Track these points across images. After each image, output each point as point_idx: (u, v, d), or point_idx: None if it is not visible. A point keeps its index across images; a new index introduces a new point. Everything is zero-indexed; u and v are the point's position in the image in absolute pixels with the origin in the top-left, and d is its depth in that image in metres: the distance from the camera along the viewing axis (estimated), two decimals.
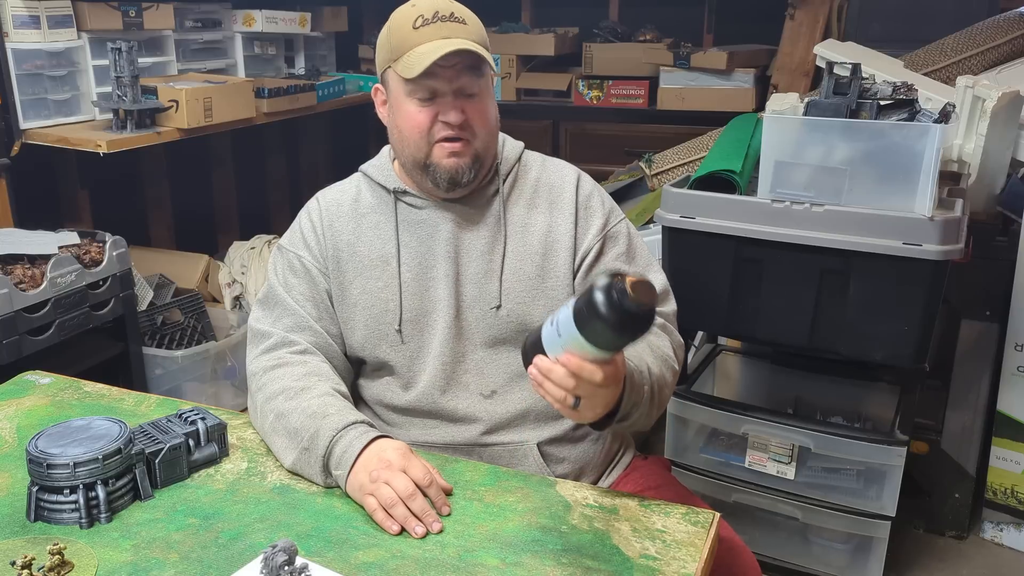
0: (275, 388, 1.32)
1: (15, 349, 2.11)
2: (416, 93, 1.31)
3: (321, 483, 1.22)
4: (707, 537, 1.11)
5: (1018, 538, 2.37)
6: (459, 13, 1.32)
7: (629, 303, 0.96)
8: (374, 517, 1.13)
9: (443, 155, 1.33)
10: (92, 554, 1.06)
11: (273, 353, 1.37)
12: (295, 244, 1.44)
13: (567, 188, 1.44)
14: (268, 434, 1.31)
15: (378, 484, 1.14)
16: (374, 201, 1.43)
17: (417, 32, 1.29)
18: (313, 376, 1.33)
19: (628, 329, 0.99)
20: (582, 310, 0.99)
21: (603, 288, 0.97)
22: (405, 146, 1.36)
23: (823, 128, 1.85)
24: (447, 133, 1.32)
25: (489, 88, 1.35)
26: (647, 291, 0.98)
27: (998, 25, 2.58)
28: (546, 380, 1.05)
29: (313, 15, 3.48)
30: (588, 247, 1.41)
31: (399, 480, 1.14)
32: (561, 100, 3.74)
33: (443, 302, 1.39)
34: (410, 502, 1.12)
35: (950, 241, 1.76)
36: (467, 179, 1.35)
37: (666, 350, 1.36)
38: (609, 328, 0.98)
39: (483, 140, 1.35)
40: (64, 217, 2.90)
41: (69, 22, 2.55)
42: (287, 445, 1.26)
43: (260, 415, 1.33)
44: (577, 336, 1.01)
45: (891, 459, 1.98)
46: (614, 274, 0.99)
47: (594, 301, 0.97)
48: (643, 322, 0.99)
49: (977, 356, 2.31)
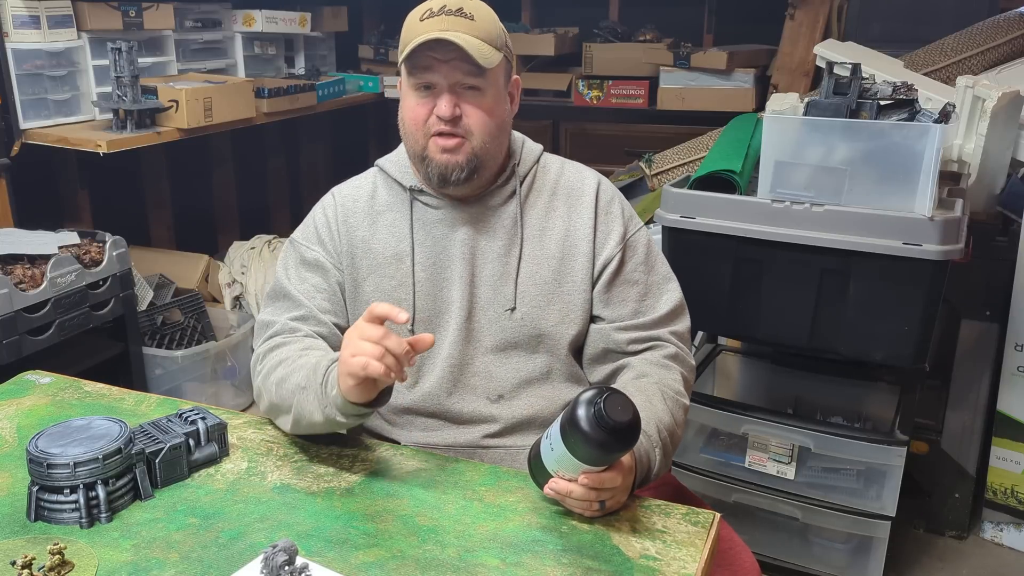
0: (273, 363, 1.31)
1: (15, 349, 2.11)
2: (416, 86, 1.31)
3: (320, 418, 1.20)
4: (707, 537, 1.11)
5: (1018, 538, 2.37)
6: (468, 8, 1.30)
7: (608, 428, 1.04)
8: (369, 370, 1.09)
9: (436, 150, 1.32)
10: (92, 554, 1.06)
11: (274, 339, 1.36)
12: (308, 238, 1.43)
13: (587, 192, 1.42)
14: (273, 407, 1.30)
15: (353, 343, 1.11)
16: (390, 198, 1.42)
17: (421, 23, 1.29)
18: (309, 349, 1.31)
19: (615, 450, 1.08)
20: (567, 434, 1.07)
21: (583, 419, 1.04)
22: (407, 138, 1.36)
23: (823, 128, 1.85)
24: (440, 127, 1.31)
25: (495, 86, 1.33)
26: (624, 409, 1.05)
27: (998, 25, 2.58)
28: (568, 499, 1.11)
29: (313, 15, 3.49)
30: (609, 256, 1.40)
31: (367, 329, 1.11)
32: (561, 100, 3.74)
33: (456, 303, 1.38)
34: (387, 341, 1.10)
35: (950, 241, 1.76)
36: (458, 178, 1.33)
37: (676, 386, 1.35)
38: (597, 452, 1.06)
39: (481, 139, 1.32)
40: (64, 217, 2.90)
41: (69, 22, 2.56)
42: (288, 404, 1.25)
43: (264, 393, 1.32)
44: (572, 458, 1.08)
45: (891, 459, 1.98)
46: (592, 400, 1.05)
47: (576, 430, 1.05)
48: (627, 440, 1.07)
49: (977, 356, 2.31)
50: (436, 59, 1.28)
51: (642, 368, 1.36)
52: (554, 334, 1.38)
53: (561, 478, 1.11)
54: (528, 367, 1.39)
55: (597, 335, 1.41)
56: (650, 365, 1.36)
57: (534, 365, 1.39)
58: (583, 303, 1.40)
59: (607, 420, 1.03)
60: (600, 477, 1.09)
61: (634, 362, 1.38)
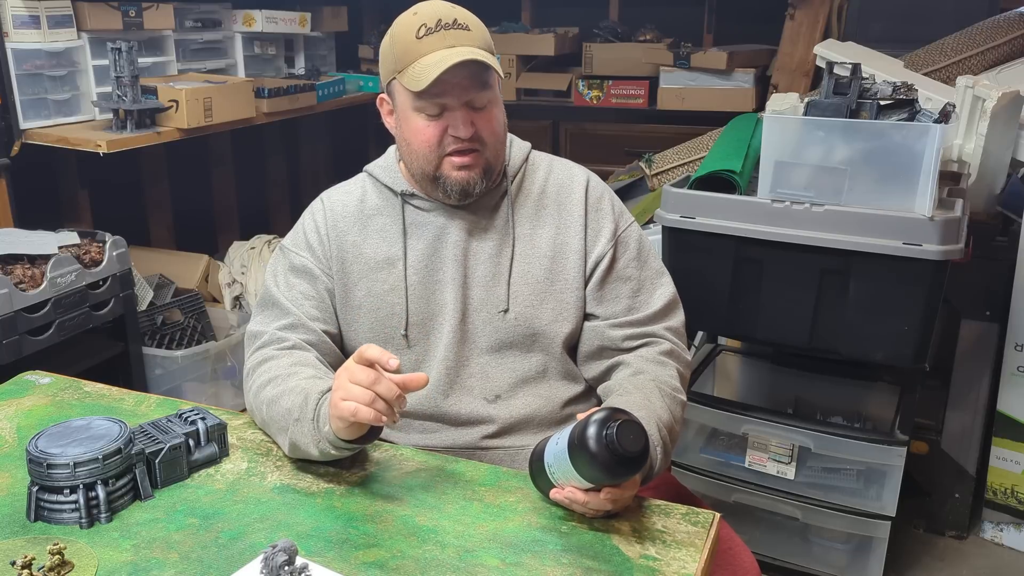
0: (263, 380, 1.30)
1: (15, 349, 2.11)
2: (425, 109, 1.30)
3: (316, 452, 1.19)
4: (707, 537, 1.11)
5: (1018, 538, 2.37)
6: (462, 19, 1.29)
7: (619, 457, 1.04)
8: (359, 416, 1.09)
9: (453, 168, 1.32)
10: (92, 554, 1.06)
11: (262, 351, 1.36)
12: (298, 245, 1.43)
13: (576, 189, 1.43)
14: (265, 425, 1.30)
15: (344, 387, 1.10)
16: (380, 203, 1.42)
17: (421, 42, 1.27)
18: (299, 365, 1.31)
19: (623, 476, 1.08)
20: (576, 453, 1.07)
21: (595, 443, 1.04)
22: (414, 159, 1.35)
23: (823, 128, 1.85)
24: (457, 147, 1.31)
25: (497, 96, 1.34)
26: (636, 439, 1.05)
27: (998, 25, 2.58)
28: (582, 505, 1.11)
29: (313, 15, 3.49)
30: (601, 253, 1.40)
31: (358, 372, 1.10)
32: (561, 100, 3.74)
33: (449, 306, 1.38)
34: (377, 387, 1.09)
35: (950, 241, 1.76)
36: (479, 189, 1.35)
37: (673, 382, 1.35)
38: (605, 475, 1.07)
39: (493, 149, 1.34)
40: (64, 217, 2.90)
41: (69, 22, 2.55)
42: (281, 428, 1.24)
43: (255, 410, 1.33)
44: (577, 476, 1.08)
45: (891, 459, 1.98)
46: (604, 421, 1.05)
47: (586, 452, 1.05)
48: (636, 467, 1.07)
49: (977, 356, 2.31)
50: (448, 81, 1.26)
51: (638, 365, 1.36)
52: (548, 333, 1.39)
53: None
54: (523, 366, 1.39)
55: (591, 333, 1.41)
56: (646, 362, 1.36)
57: (529, 364, 1.39)
58: (576, 301, 1.40)
59: (619, 448, 1.03)
60: (619, 490, 1.10)
61: (630, 359, 1.38)
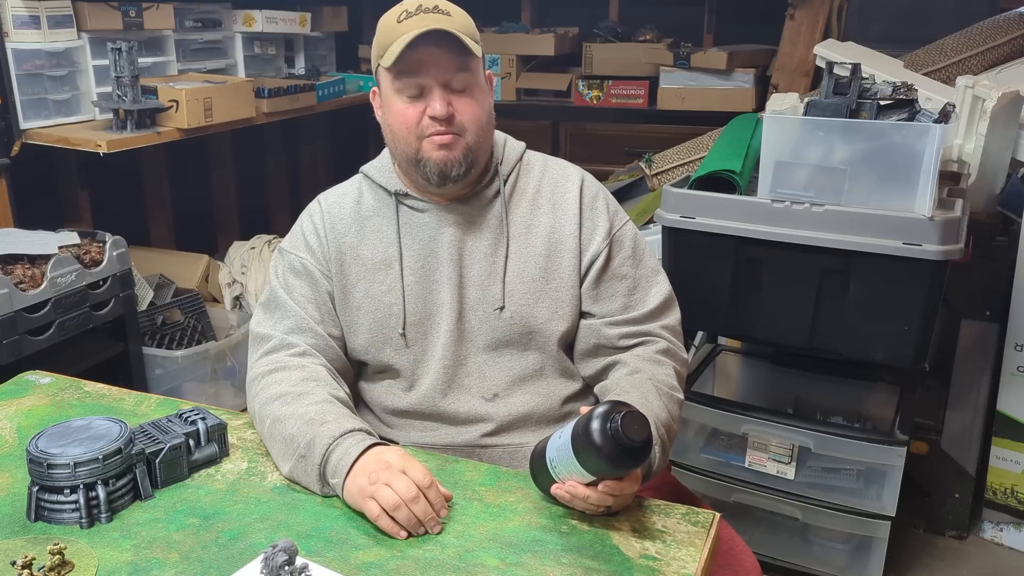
0: (272, 393, 1.30)
1: (15, 349, 2.11)
2: (405, 90, 1.31)
3: (318, 491, 1.19)
4: (707, 537, 1.11)
5: (1018, 538, 2.37)
6: (444, 6, 1.31)
7: (624, 447, 1.05)
8: (378, 524, 1.10)
9: (432, 148, 1.32)
10: (92, 554, 1.06)
11: (272, 356, 1.36)
12: (296, 246, 1.43)
13: (571, 189, 1.43)
14: (266, 439, 1.30)
15: (378, 486, 1.11)
16: (376, 204, 1.43)
17: (400, 24, 1.29)
18: (311, 381, 1.30)
19: (628, 467, 1.09)
20: (580, 446, 1.08)
21: (599, 435, 1.05)
22: (397, 143, 1.36)
23: (823, 128, 1.85)
24: (435, 127, 1.31)
25: (479, 83, 1.34)
26: (640, 428, 1.06)
27: (998, 25, 2.58)
28: (582, 501, 1.11)
29: (313, 15, 3.49)
30: (596, 252, 1.40)
31: (400, 481, 1.11)
32: (561, 100, 3.74)
33: (446, 305, 1.38)
34: (412, 505, 1.10)
35: (950, 241, 1.76)
36: (457, 173, 1.33)
37: (670, 381, 1.36)
38: (609, 467, 1.07)
39: (474, 135, 1.33)
40: (64, 217, 2.90)
41: (69, 22, 2.55)
42: (283, 451, 1.24)
43: (258, 420, 1.32)
44: (580, 469, 1.09)
45: (891, 459, 1.98)
46: (607, 413, 1.06)
47: (591, 444, 1.06)
48: (641, 458, 1.08)
49: (977, 356, 2.31)
50: (422, 60, 1.28)
51: (635, 364, 1.36)
52: (544, 331, 1.39)
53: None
54: (520, 364, 1.39)
55: (588, 331, 1.41)
56: (643, 361, 1.37)
57: (526, 362, 1.40)
58: (571, 299, 1.40)
59: (624, 439, 1.04)
60: (620, 485, 1.10)
61: (627, 358, 1.38)
